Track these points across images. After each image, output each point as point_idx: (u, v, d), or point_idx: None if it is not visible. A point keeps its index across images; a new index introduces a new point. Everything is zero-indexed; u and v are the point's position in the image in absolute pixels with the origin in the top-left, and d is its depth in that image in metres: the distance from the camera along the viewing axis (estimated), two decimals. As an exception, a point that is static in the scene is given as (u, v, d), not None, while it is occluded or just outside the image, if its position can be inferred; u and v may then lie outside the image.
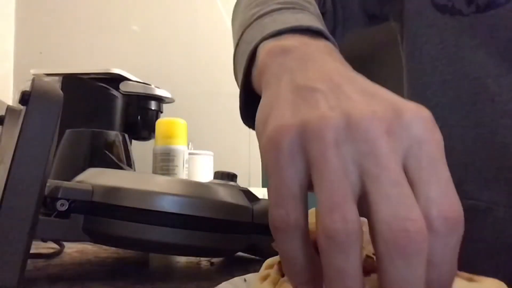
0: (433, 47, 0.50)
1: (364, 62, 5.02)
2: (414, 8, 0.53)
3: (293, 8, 0.36)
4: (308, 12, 0.37)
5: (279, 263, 0.32)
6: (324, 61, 0.27)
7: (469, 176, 0.49)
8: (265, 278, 0.31)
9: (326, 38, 0.32)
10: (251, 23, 0.37)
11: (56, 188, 0.39)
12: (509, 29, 0.44)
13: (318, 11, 0.41)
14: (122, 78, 1.12)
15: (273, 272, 0.32)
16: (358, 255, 0.20)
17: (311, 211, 0.31)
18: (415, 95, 0.54)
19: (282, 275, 0.31)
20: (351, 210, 0.20)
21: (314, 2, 0.42)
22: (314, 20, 0.34)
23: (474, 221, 0.51)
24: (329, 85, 0.24)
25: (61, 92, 0.34)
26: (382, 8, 0.58)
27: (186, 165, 0.82)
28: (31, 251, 0.34)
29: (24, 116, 0.32)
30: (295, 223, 0.21)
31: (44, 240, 0.44)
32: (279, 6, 0.37)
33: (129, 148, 0.98)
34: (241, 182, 0.50)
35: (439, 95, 0.50)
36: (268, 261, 0.34)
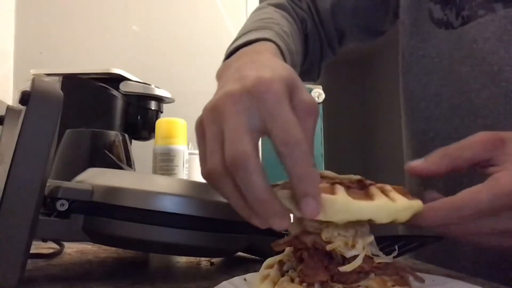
0: (430, 60, 0.51)
1: (363, 63, 5.02)
2: (411, 22, 0.54)
3: (257, 29, 0.48)
4: (270, 30, 0.48)
5: (279, 262, 0.33)
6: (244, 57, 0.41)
7: (457, 188, 0.50)
8: (265, 278, 0.31)
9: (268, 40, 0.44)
10: (234, 41, 0.50)
11: (56, 188, 0.39)
12: (487, 39, 0.45)
13: (283, 29, 0.51)
14: (122, 78, 1.12)
15: (273, 271, 0.32)
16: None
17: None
18: (410, 107, 0.55)
19: (282, 275, 0.31)
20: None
21: (283, 23, 0.53)
22: (269, 34, 0.46)
23: None
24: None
25: (61, 92, 0.34)
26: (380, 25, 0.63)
27: (186, 165, 0.82)
28: (31, 251, 0.34)
29: (24, 116, 0.32)
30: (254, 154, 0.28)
31: (44, 240, 0.44)
32: (250, 29, 0.49)
33: (129, 148, 0.98)
34: (241, 182, 0.50)
35: (432, 108, 0.51)
36: (268, 261, 0.34)
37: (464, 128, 0.48)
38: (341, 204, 0.27)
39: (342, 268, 0.28)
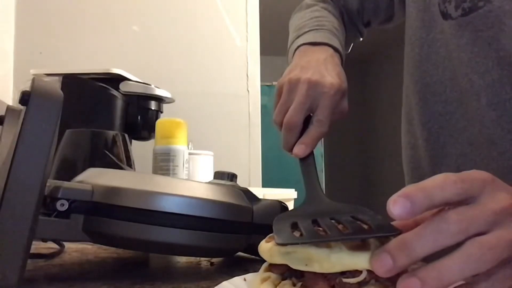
0: (444, 50, 0.55)
1: (362, 63, 5.01)
2: (421, 15, 0.58)
3: (316, 29, 0.64)
4: (324, 30, 0.63)
5: (280, 265, 0.32)
6: (312, 55, 0.58)
7: (460, 167, 0.54)
8: (265, 279, 0.31)
9: (327, 44, 0.60)
10: (297, 37, 0.64)
11: (56, 188, 0.39)
12: (490, 28, 0.49)
13: (334, 26, 0.66)
14: (122, 78, 1.12)
15: (274, 274, 0.32)
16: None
17: None
18: (429, 92, 0.58)
19: (284, 278, 0.31)
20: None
21: (332, 19, 0.68)
22: (323, 36, 0.61)
23: None
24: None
25: (61, 92, 0.34)
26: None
27: (186, 165, 0.82)
28: (31, 251, 0.34)
29: (24, 116, 0.32)
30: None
31: (44, 240, 0.44)
32: (308, 29, 0.64)
33: (129, 148, 0.98)
34: (241, 182, 0.50)
35: (448, 92, 0.56)
36: (268, 262, 0.34)
37: (472, 108, 0.52)
38: (335, 259, 0.28)
39: (346, 280, 0.28)
